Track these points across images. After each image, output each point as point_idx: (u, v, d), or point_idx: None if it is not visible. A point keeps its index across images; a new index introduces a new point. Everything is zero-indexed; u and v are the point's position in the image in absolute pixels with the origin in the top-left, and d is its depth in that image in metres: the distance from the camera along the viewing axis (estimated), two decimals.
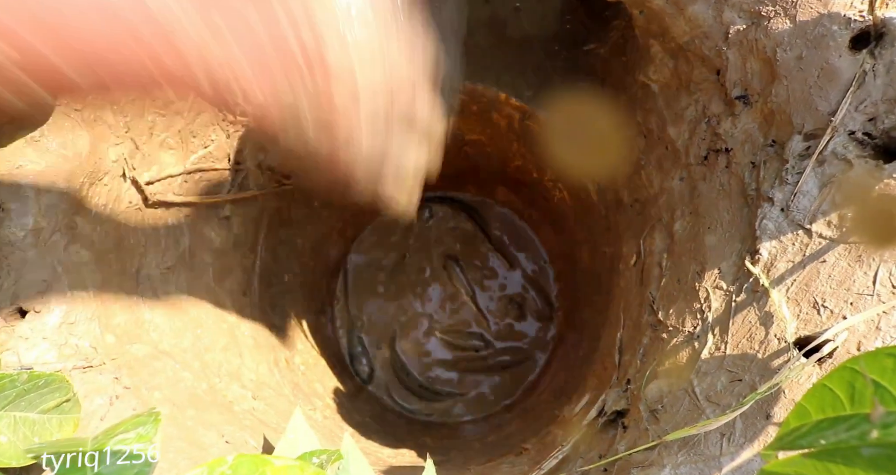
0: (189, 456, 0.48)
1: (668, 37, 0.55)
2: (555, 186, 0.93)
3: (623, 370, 0.57)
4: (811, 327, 0.40)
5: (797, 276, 0.42)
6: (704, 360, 0.45)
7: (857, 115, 0.42)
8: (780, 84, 0.46)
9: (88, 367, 0.48)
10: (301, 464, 0.27)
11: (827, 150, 0.43)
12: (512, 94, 0.79)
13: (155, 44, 0.34)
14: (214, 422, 0.53)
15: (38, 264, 0.48)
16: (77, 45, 0.35)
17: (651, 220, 0.60)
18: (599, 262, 0.81)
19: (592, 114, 0.71)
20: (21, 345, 0.46)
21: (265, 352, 0.75)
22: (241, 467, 0.25)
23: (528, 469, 0.59)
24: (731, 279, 0.47)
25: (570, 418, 0.62)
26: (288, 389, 0.74)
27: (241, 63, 0.36)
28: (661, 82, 0.59)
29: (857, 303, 0.39)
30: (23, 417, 0.36)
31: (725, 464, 0.40)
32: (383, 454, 0.76)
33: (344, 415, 0.85)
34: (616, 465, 0.48)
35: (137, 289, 0.58)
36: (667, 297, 0.53)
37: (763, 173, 0.47)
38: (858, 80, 0.42)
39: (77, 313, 0.49)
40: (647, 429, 0.47)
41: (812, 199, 0.43)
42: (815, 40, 0.44)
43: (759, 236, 0.45)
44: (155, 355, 0.54)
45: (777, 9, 0.46)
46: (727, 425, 0.41)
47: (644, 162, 0.62)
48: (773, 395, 0.39)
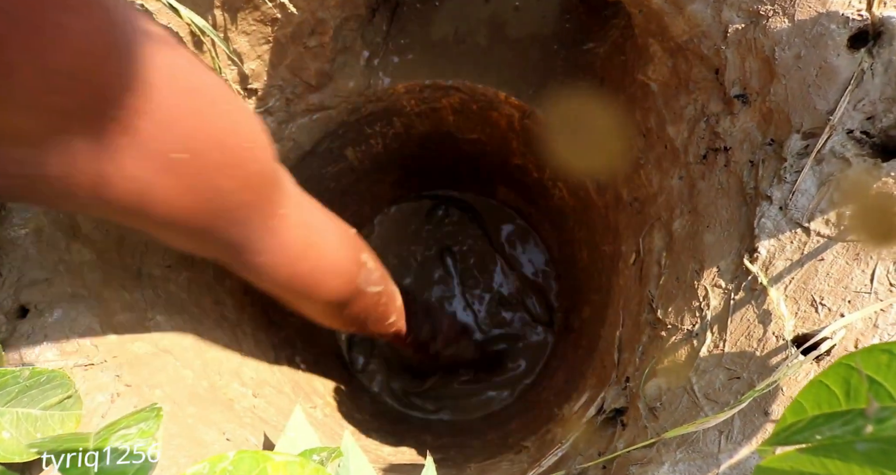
0: (189, 453, 0.48)
1: (667, 36, 0.55)
2: (554, 185, 0.93)
3: (622, 368, 0.57)
4: (809, 325, 0.41)
5: (795, 274, 0.42)
6: (703, 358, 0.46)
7: (855, 114, 0.42)
8: (778, 83, 0.46)
9: (90, 365, 0.48)
10: (302, 460, 0.27)
11: (825, 149, 0.43)
12: (511, 92, 0.79)
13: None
14: (215, 420, 0.54)
15: (40, 262, 0.49)
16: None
17: (650, 218, 0.60)
18: (599, 261, 0.81)
19: (592, 113, 0.71)
20: (23, 343, 0.46)
21: (265, 350, 0.76)
22: (242, 463, 0.25)
23: (527, 467, 0.59)
24: (730, 277, 0.47)
25: (570, 416, 0.62)
26: (288, 387, 0.74)
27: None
28: (661, 81, 0.59)
29: (854, 301, 0.39)
30: (25, 413, 0.36)
31: (723, 461, 0.40)
32: (383, 452, 0.77)
33: (344, 414, 0.85)
34: (615, 463, 0.48)
35: (138, 287, 0.58)
36: (666, 296, 0.53)
37: (762, 172, 0.47)
38: (857, 78, 0.42)
39: (78, 311, 0.49)
40: (645, 426, 0.47)
41: (810, 197, 0.43)
42: (814, 39, 0.44)
43: (757, 234, 0.45)
44: (156, 353, 0.54)
45: (776, 8, 0.46)
46: (725, 422, 0.41)
47: (643, 161, 0.63)
48: (771, 393, 0.40)
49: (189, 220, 0.40)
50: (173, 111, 0.34)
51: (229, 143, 0.40)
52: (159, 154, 0.34)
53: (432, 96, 0.83)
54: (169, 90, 0.34)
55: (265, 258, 0.49)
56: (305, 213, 0.54)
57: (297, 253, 0.52)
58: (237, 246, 0.46)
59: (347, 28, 0.72)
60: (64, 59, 0.26)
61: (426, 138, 0.95)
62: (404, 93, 0.82)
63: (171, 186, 0.36)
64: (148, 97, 0.32)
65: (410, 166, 1.04)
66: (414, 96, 0.83)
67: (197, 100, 0.37)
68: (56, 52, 0.26)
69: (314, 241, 0.55)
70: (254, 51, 0.66)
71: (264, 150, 0.45)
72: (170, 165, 0.35)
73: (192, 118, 0.36)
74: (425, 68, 0.80)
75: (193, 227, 0.41)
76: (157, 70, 0.32)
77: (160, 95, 0.33)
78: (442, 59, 0.80)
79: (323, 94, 0.77)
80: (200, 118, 0.37)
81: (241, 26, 0.63)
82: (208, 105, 0.38)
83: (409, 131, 0.92)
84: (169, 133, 0.34)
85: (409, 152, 0.99)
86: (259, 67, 0.68)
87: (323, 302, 0.61)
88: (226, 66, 0.65)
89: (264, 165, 0.45)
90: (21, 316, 0.47)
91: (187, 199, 0.38)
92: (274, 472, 0.26)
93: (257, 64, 0.68)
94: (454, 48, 0.80)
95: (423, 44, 0.80)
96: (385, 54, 0.80)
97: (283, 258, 0.51)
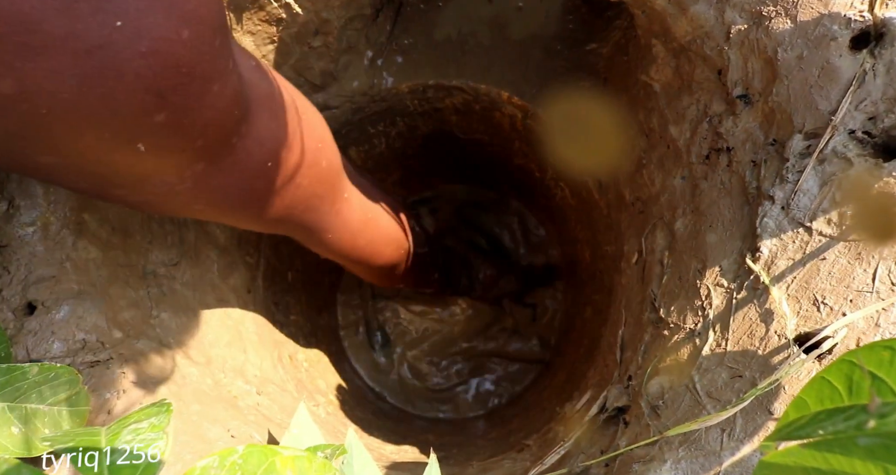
0: (195, 450, 0.48)
1: (669, 37, 0.56)
2: (556, 185, 0.94)
3: (624, 367, 0.57)
4: (811, 324, 0.41)
5: (797, 274, 0.43)
6: (705, 357, 0.46)
7: (857, 114, 0.42)
8: (780, 83, 0.46)
9: (96, 362, 0.48)
10: (309, 455, 0.28)
11: (827, 149, 0.43)
12: (514, 93, 0.80)
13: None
14: (219, 417, 0.54)
15: (47, 260, 0.49)
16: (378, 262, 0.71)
17: (653, 218, 0.61)
18: (601, 260, 0.82)
19: (594, 113, 0.72)
20: (30, 340, 0.46)
21: (269, 348, 0.76)
22: (252, 457, 0.26)
23: (529, 465, 0.59)
24: (732, 276, 0.47)
25: (572, 415, 0.62)
26: (291, 385, 0.75)
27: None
28: (663, 82, 0.59)
29: (856, 300, 0.39)
30: (34, 409, 0.37)
31: (726, 458, 0.40)
32: (386, 450, 0.77)
33: (347, 412, 0.86)
34: (617, 461, 0.48)
35: (143, 284, 0.58)
36: (668, 295, 0.54)
37: (764, 172, 0.47)
38: (858, 79, 0.42)
39: (85, 308, 0.49)
40: (648, 424, 0.47)
41: (812, 197, 0.43)
42: (816, 40, 0.44)
43: (759, 234, 0.45)
44: (161, 350, 0.55)
45: (778, 9, 0.46)
46: (728, 421, 0.41)
47: (646, 161, 0.63)
48: (774, 391, 0.40)
49: (273, 212, 0.47)
50: (266, 130, 0.41)
51: (306, 146, 0.46)
52: (256, 166, 0.41)
53: (435, 96, 0.84)
54: (265, 115, 0.41)
55: (332, 235, 0.58)
56: (363, 193, 0.63)
57: (358, 228, 0.62)
58: (309, 227, 0.55)
59: (351, 28, 0.73)
60: (209, 115, 0.33)
61: (429, 138, 0.95)
62: (407, 93, 0.82)
63: (262, 189, 0.44)
64: (251, 125, 0.39)
65: (413, 166, 1.05)
66: (417, 96, 0.83)
67: (282, 114, 0.43)
68: (205, 110, 0.33)
69: (371, 217, 0.65)
70: (259, 50, 0.67)
71: (331, 145, 0.52)
72: (262, 173, 0.42)
73: (279, 132, 0.43)
74: (428, 68, 0.81)
75: (276, 217, 0.48)
76: (256, 100, 0.39)
77: (259, 121, 0.40)
78: (445, 59, 0.81)
79: (327, 93, 0.77)
80: (285, 130, 0.43)
81: (246, 26, 0.64)
82: (291, 116, 0.44)
83: (412, 131, 0.93)
84: (263, 148, 0.41)
85: (412, 152, 0.99)
86: None
87: (379, 265, 0.72)
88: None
89: (332, 160, 0.52)
90: (29, 313, 0.47)
91: (274, 198, 0.45)
92: (282, 467, 0.27)
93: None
94: (457, 48, 0.81)
95: (427, 44, 0.81)
96: (389, 54, 0.80)
97: (346, 234, 0.60)
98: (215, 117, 0.34)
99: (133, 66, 0.27)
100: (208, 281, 0.69)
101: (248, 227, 0.51)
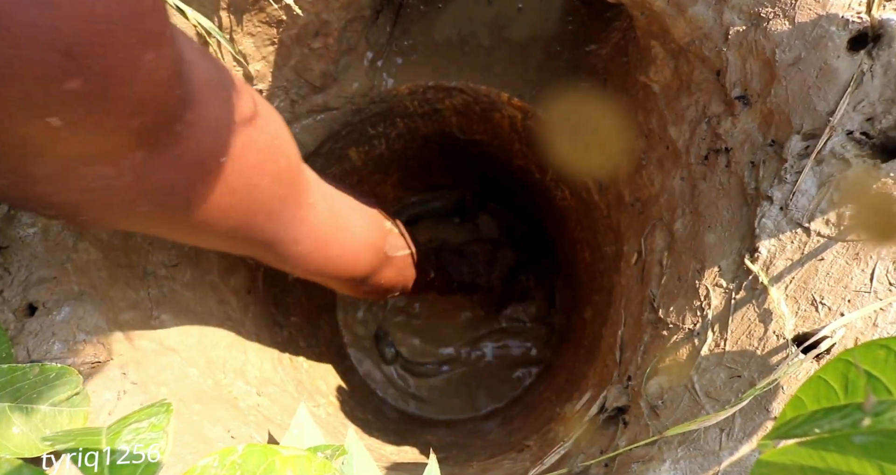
0: (195, 450, 0.48)
1: (668, 38, 0.56)
2: (556, 186, 0.94)
3: (624, 367, 0.57)
4: (809, 324, 0.41)
5: (796, 274, 0.43)
6: (704, 357, 0.46)
7: (855, 115, 0.43)
8: (779, 84, 0.46)
9: (96, 363, 0.48)
10: (309, 455, 0.28)
11: (825, 150, 0.43)
12: (514, 94, 0.80)
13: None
14: (220, 418, 0.54)
15: (48, 261, 0.49)
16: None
17: (652, 218, 0.61)
18: (600, 261, 0.82)
19: (594, 114, 0.72)
20: (31, 340, 0.46)
21: (269, 349, 0.76)
22: (251, 457, 0.26)
23: (529, 465, 0.59)
24: (731, 277, 0.47)
25: (572, 415, 0.62)
26: (291, 386, 0.75)
27: None
28: (662, 83, 0.60)
29: (854, 301, 0.40)
30: (34, 409, 0.37)
31: (724, 458, 0.40)
32: (386, 451, 0.77)
33: (347, 413, 0.86)
34: (617, 461, 0.48)
35: (144, 286, 0.58)
36: (667, 295, 0.54)
37: (762, 172, 0.47)
38: (856, 80, 0.43)
39: (85, 309, 0.50)
40: (647, 424, 0.47)
41: (811, 197, 0.43)
42: (814, 41, 0.44)
43: (758, 234, 0.45)
44: (161, 351, 0.55)
45: (776, 10, 0.47)
46: (726, 420, 0.41)
47: (645, 161, 0.63)
48: (772, 391, 0.40)
49: (233, 219, 0.43)
50: (217, 120, 0.37)
51: (263, 141, 0.42)
52: (207, 159, 0.37)
53: (435, 97, 0.84)
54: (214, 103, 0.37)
55: (301, 247, 0.52)
56: (330, 198, 0.57)
57: (328, 237, 0.56)
58: (273, 239, 0.49)
59: (351, 29, 0.73)
60: (143, 88, 0.29)
61: (429, 139, 0.95)
62: (407, 94, 0.82)
63: (216, 189, 0.39)
64: (198, 112, 0.35)
65: (413, 167, 1.05)
66: (417, 97, 0.83)
67: (234, 104, 0.39)
68: (138, 83, 0.28)
69: (342, 224, 0.58)
70: (259, 52, 0.67)
71: (289, 142, 0.47)
72: (215, 169, 0.38)
73: (232, 123, 0.38)
74: (428, 69, 0.81)
75: (236, 225, 0.44)
76: (203, 86, 0.35)
77: (207, 109, 0.36)
78: (445, 60, 0.81)
79: (327, 95, 0.77)
80: (239, 122, 0.39)
81: (246, 28, 0.64)
82: (244, 107, 0.40)
83: (412, 132, 0.93)
84: (215, 140, 0.37)
85: (412, 153, 0.99)
86: (264, 68, 0.69)
87: (361, 276, 0.65)
88: (231, 68, 0.65)
89: (291, 158, 0.47)
90: (29, 314, 0.48)
91: (229, 199, 0.41)
92: (282, 466, 0.27)
93: (262, 65, 0.68)
94: (457, 49, 0.81)
95: (427, 45, 0.81)
96: (389, 56, 0.80)
97: (316, 243, 0.54)
98: (152, 93, 0.30)
99: (26, 15, 0.22)
100: (208, 282, 0.69)
101: (210, 242, 0.47)
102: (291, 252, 0.52)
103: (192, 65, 0.34)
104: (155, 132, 0.32)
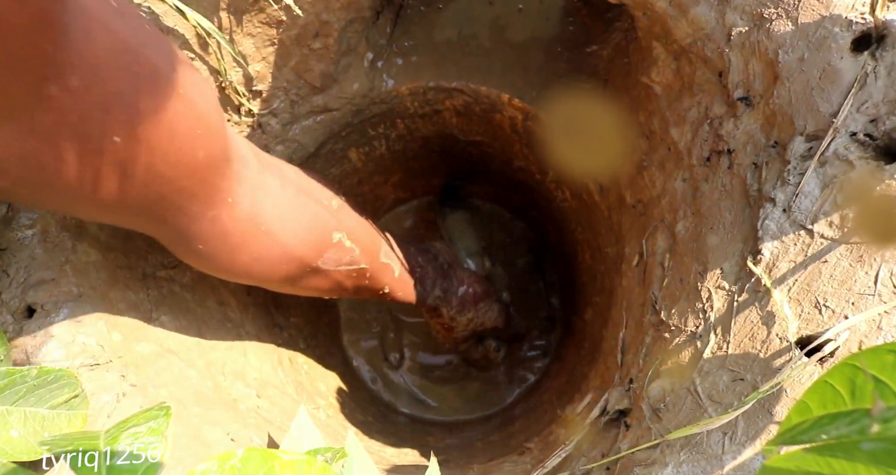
0: (194, 453, 0.48)
1: (670, 39, 0.56)
2: (557, 187, 0.94)
3: (625, 369, 0.57)
4: (813, 327, 0.41)
5: (799, 276, 0.43)
6: (707, 360, 0.46)
7: (858, 117, 0.42)
8: (781, 85, 0.46)
9: (95, 365, 0.48)
10: (309, 458, 0.28)
11: (829, 151, 0.43)
12: (514, 95, 0.80)
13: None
14: (219, 420, 0.54)
15: (46, 263, 0.49)
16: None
17: (653, 220, 0.60)
18: (601, 263, 0.81)
19: (595, 115, 0.72)
20: (29, 343, 0.46)
21: (269, 351, 0.76)
22: (251, 461, 0.26)
23: (530, 468, 0.59)
24: (734, 279, 0.47)
25: (573, 417, 0.62)
26: (291, 388, 0.75)
27: None
28: (664, 84, 0.59)
29: (858, 303, 0.39)
30: (33, 412, 0.37)
31: (727, 462, 0.40)
32: (386, 453, 0.77)
33: (347, 415, 0.85)
34: (618, 464, 0.48)
35: (143, 287, 0.58)
36: (669, 297, 0.53)
37: (765, 174, 0.47)
38: (860, 81, 0.42)
39: (84, 311, 0.49)
40: (649, 427, 0.47)
41: (814, 199, 0.43)
42: (817, 42, 0.44)
43: (761, 237, 0.45)
44: (160, 353, 0.55)
45: (779, 11, 0.46)
46: (729, 424, 0.41)
47: (646, 163, 0.63)
48: (775, 394, 0.40)
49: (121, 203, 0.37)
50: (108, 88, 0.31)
51: (180, 128, 0.36)
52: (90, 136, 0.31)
53: (435, 98, 0.84)
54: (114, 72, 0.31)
55: (203, 247, 0.47)
56: (263, 199, 0.51)
57: (239, 243, 0.50)
58: (174, 232, 0.44)
59: (352, 30, 0.73)
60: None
61: (429, 140, 0.95)
62: (408, 95, 0.82)
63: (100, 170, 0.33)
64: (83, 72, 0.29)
65: (413, 168, 1.05)
66: (417, 98, 0.83)
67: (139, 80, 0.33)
68: None
69: (266, 230, 0.52)
70: (259, 53, 0.67)
71: (218, 136, 0.42)
72: (102, 148, 0.32)
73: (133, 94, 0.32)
74: (429, 70, 0.81)
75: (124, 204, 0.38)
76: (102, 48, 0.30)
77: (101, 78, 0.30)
78: (445, 61, 0.81)
79: (327, 95, 0.77)
80: (144, 96, 0.33)
81: (246, 28, 0.64)
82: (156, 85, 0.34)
83: (413, 133, 0.93)
84: (104, 112, 0.31)
85: (412, 154, 0.99)
86: (264, 69, 0.68)
87: (275, 284, 0.59)
88: (231, 68, 0.65)
89: (213, 152, 0.41)
90: (28, 316, 0.47)
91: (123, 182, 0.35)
92: (282, 470, 0.26)
93: (262, 66, 0.68)
94: (458, 50, 0.81)
95: (427, 46, 0.81)
96: (389, 56, 0.80)
97: (223, 246, 0.48)
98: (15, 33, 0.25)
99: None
100: (208, 283, 0.69)
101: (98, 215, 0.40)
102: (193, 249, 0.47)
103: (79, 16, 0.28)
104: (16, 88, 0.27)
